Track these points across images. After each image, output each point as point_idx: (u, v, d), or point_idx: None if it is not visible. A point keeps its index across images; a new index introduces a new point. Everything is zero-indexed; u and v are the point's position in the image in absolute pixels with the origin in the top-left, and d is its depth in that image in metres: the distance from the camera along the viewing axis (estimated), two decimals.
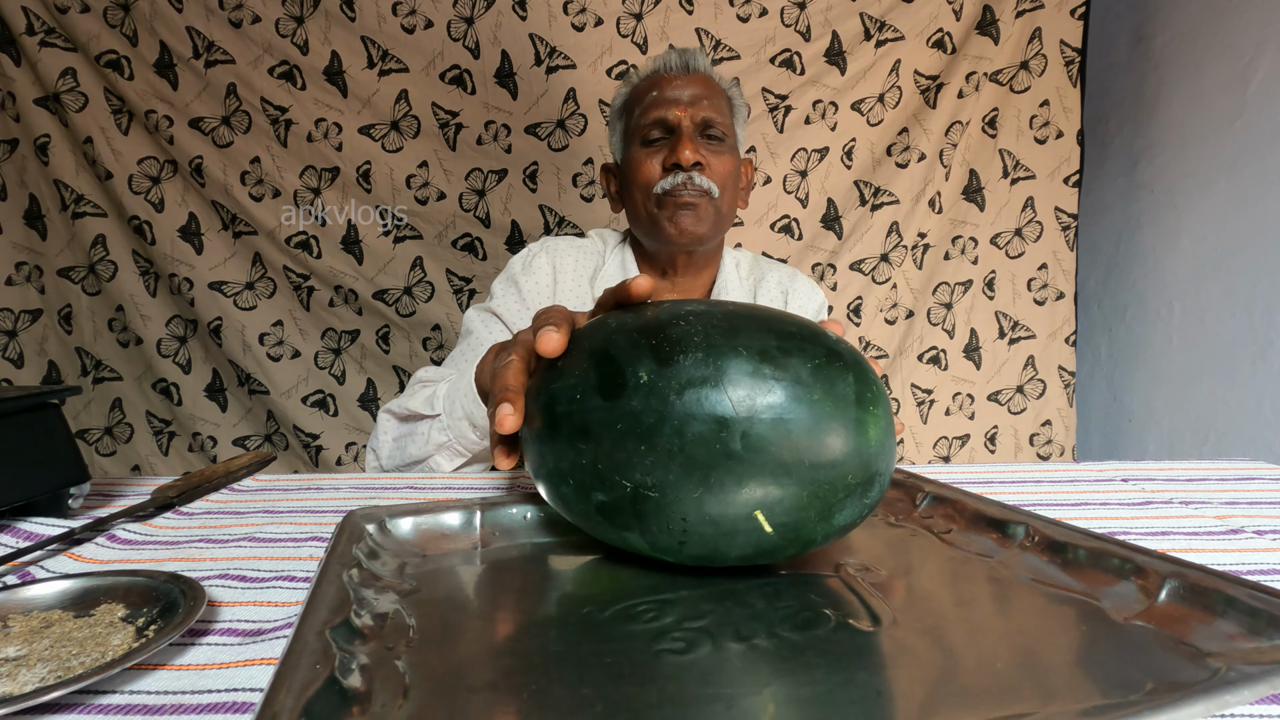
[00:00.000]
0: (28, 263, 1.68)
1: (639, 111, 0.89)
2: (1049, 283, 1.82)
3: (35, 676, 0.30)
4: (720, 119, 0.87)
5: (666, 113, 0.86)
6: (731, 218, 0.92)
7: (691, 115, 0.86)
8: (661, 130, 0.87)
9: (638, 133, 0.88)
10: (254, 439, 1.77)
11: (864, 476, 0.36)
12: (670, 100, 0.86)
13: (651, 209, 0.87)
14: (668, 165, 0.85)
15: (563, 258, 0.95)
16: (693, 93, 0.87)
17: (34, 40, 1.57)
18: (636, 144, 0.88)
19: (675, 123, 0.86)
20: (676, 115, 0.86)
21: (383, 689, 0.27)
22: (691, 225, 0.85)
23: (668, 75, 0.89)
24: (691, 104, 0.86)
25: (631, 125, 0.90)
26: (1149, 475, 0.63)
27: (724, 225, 0.90)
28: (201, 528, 0.52)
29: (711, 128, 0.87)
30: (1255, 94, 1.51)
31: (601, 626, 0.33)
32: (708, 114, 0.86)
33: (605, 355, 0.38)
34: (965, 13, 1.70)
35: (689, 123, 0.86)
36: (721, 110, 0.88)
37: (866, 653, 0.31)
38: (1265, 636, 0.29)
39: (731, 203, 0.90)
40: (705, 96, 0.87)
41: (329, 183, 1.69)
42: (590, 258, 0.96)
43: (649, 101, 0.88)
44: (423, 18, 1.65)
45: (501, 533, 0.46)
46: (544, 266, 0.94)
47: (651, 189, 0.86)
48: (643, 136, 0.88)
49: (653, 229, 0.88)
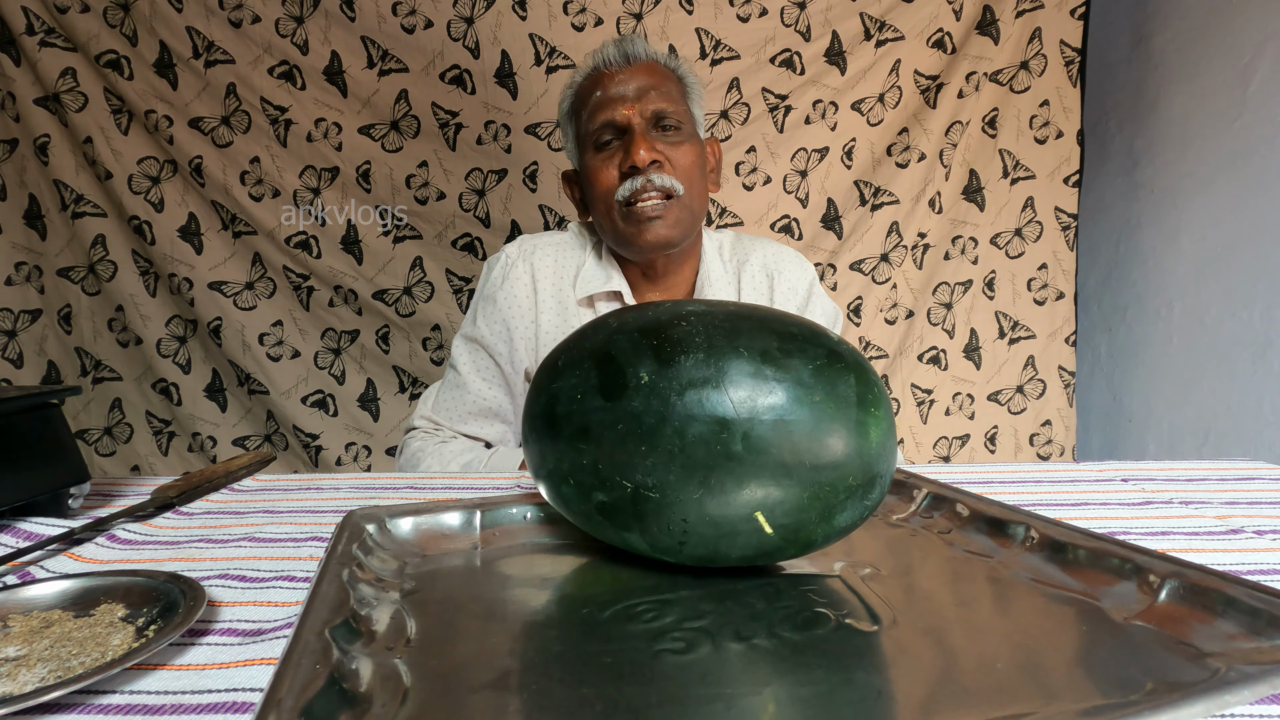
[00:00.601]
0: (27, 263, 1.68)
1: (585, 115, 0.84)
2: (1049, 283, 1.82)
3: (35, 676, 0.30)
4: (672, 107, 0.82)
5: (614, 113, 0.81)
6: (703, 210, 0.88)
7: (640, 110, 0.81)
8: (612, 132, 0.82)
9: (589, 138, 0.84)
10: (254, 439, 1.77)
11: (865, 478, 0.36)
12: (616, 99, 0.81)
13: (617, 221, 0.83)
14: (624, 169, 0.80)
15: (541, 260, 0.91)
16: (638, 85, 0.82)
17: (34, 40, 1.57)
18: (590, 150, 0.84)
19: (625, 122, 0.81)
20: (625, 114, 0.81)
21: (383, 689, 0.27)
22: (663, 233, 0.82)
23: (609, 71, 0.83)
24: (639, 99, 0.81)
25: (581, 131, 0.85)
26: (1149, 475, 0.63)
27: (696, 221, 0.86)
28: (201, 528, 0.52)
29: (664, 119, 0.82)
30: (1255, 94, 1.51)
31: (601, 626, 0.33)
32: (657, 105, 0.81)
33: (606, 355, 0.38)
34: (965, 13, 1.70)
35: (639, 119, 0.81)
36: (672, 97, 0.83)
37: (866, 653, 0.31)
38: (1265, 636, 0.29)
39: (701, 194, 0.86)
40: (652, 87, 0.82)
41: (329, 183, 1.69)
42: (571, 255, 0.91)
43: (594, 103, 0.83)
44: (423, 18, 1.65)
45: (501, 533, 0.46)
46: (521, 277, 0.90)
47: (613, 197, 0.81)
48: (594, 141, 0.83)
49: (621, 241, 0.85)
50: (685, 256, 0.90)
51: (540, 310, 0.90)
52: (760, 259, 0.94)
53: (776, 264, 0.94)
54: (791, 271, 0.95)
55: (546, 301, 0.90)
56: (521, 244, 0.93)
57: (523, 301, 0.89)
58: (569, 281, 0.90)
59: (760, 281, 0.94)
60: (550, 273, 0.90)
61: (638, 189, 0.80)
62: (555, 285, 0.90)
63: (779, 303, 0.93)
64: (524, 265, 0.90)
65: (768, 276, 0.94)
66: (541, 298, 0.90)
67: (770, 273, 0.94)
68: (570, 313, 0.89)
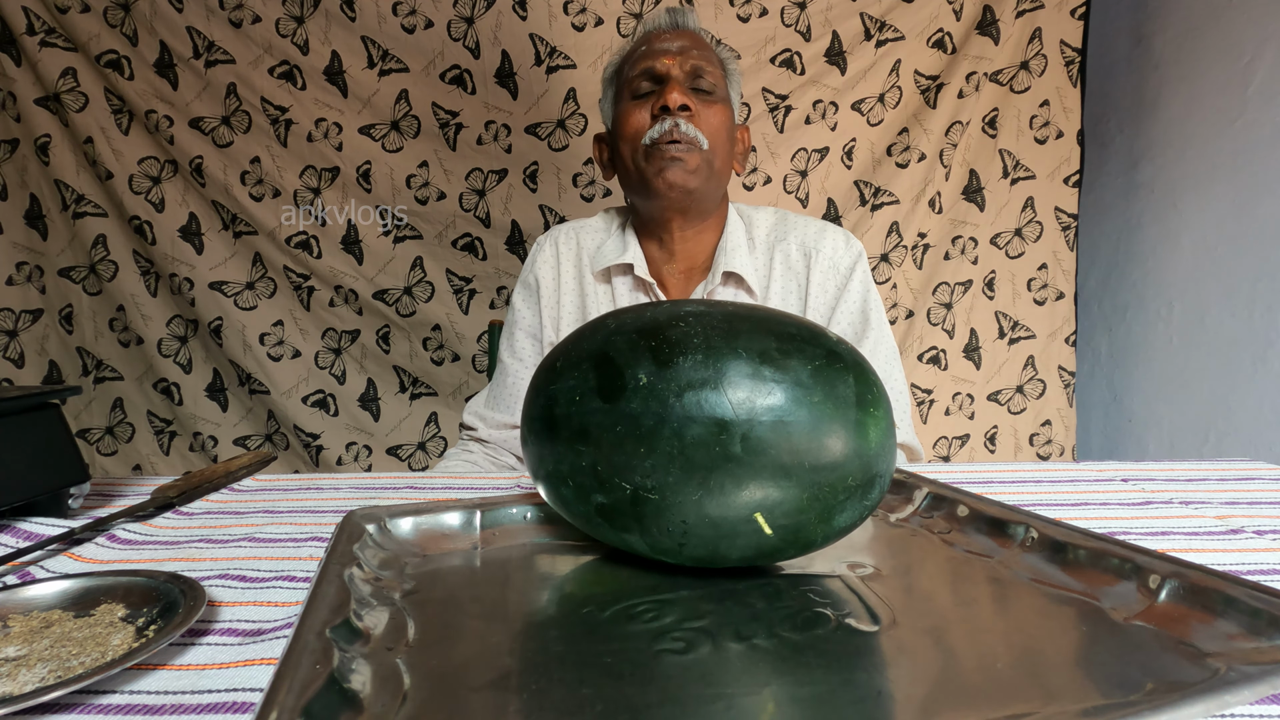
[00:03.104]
0: (28, 263, 1.68)
1: (628, 68, 0.88)
2: (1049, 283, 1.82)
3: (35, 676, 0.30)
4: (710, 69, 0.86)
5: (655, 62, 0.85)
6: (726, 175, 0.89)
7: (680, 64, 0.85)
8: (650, 81, 0.85)
9: (627, 87, 0.87)
10: (254, 439, 1.77)
11: (864, 478, 0.36)
12: (658, 51, 0.86)
13: (640, 162, 0.85)
14: (655, 111, 0.83)
15: (566, 241, 0.95)
16: (681, 44, 0.86)
17: (34, 40, 1.57)
18: (626, 98, 0.87)
19: (664, 71, 0.84)
20: (665, 64, 0.85)
21: (383, 689, 0.27)
22: (681, 178, 0.83)
23: (657, 32, 0.89)
24: (680, 54, 0.85)
25: (621, 83, 0.89)
26: (1149, 475, 0.63)
27: (718, 182, 0.87)
28: (201, 528, 0.52)
29: (701, 77, 0.85)
30: (1255, 94, 1.51)
31: (601, 626, 0.33)
32: (696, 63, 0.85)
33: (604, 357, 0.38)
34: (965, 13, 1.70)
35: (678, 70, 0.84)
36: (712, 62, 0.87)
37: (866, 653, 0.31)
38: (1265, 636, 0.29)
39: (725, 159, 0.87)
40: (694, 48, 0.86)
41: (329, 183, 1.69)
42: (595, 236, 0.95)
43: (638, 56, 0.87)
44: (423, 18, 1.65)
45: (501, 533, 0.46)
46: (548, 259, 0.95)
47: (640, 140, 0.84)
48: (632, 90, 0.87)
49: (641, 185, 0.86)
50: (705, 226, 0.90)
51: (562, 289, 0.94)
52: (799, 237, 0.92)
53: (816, 242, 0.91)
54: (832, 249, 0.91)
55: (568, 281, 0.94)
56: (553, 229, 0.98)
57: (548, 280, 0.94)
58: (587, 260, 0.94)
59: (796, 260, 0.91)
60: (573, 252, 0.95)
61: (665, 130, 0.82)
62: (576, 264, 0.95)
63: (815, 282, 0.90)
64: (550, 247, 0.96)
65: (804, 255, 0.91)
66: (564, 277, 0.94)
67: (807, 251, 0.91)
68: (588, 290, 0.93)
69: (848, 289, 0.90)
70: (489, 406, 0.94)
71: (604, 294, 0.92)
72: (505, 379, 0.94)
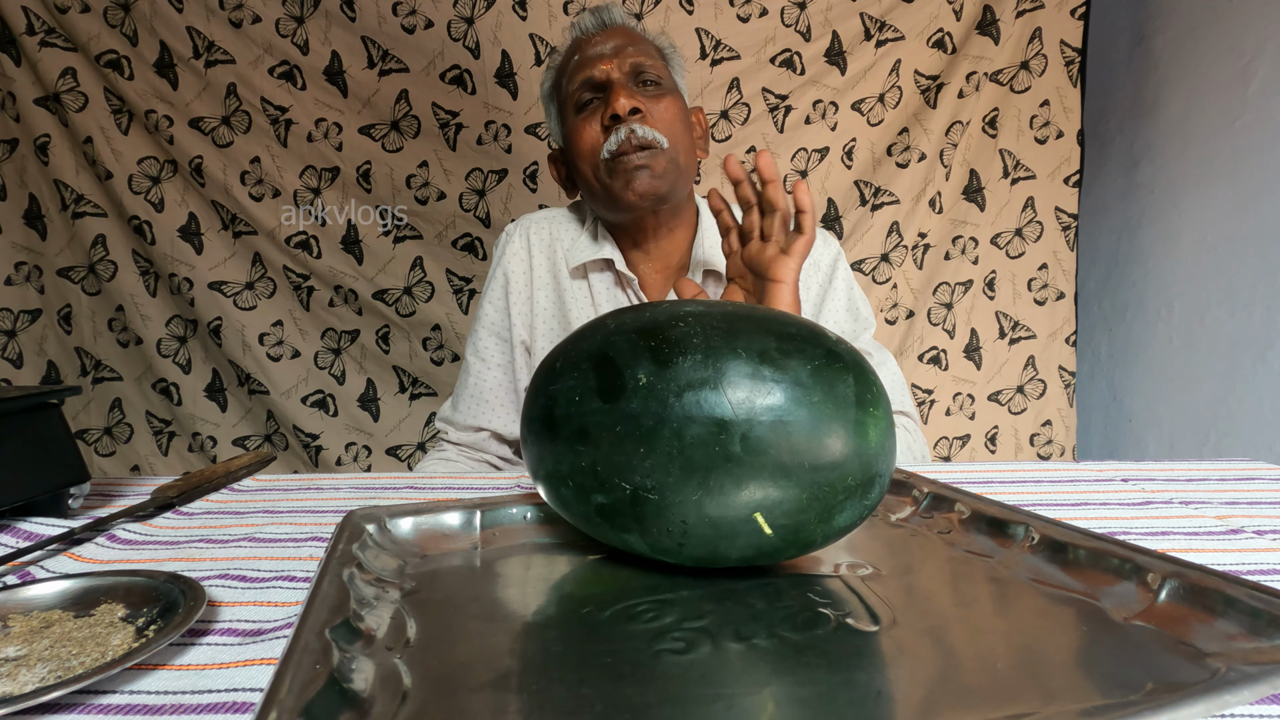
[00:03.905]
0: (27, 263, 1.68)
1: (565, 82, 0.84)
2: (1049, 283, 1.82)
3: (35, 676, 0.30)
4: (650, 62, 0.82)
5: (592, 70, 0.81)
6: (692, 168, 0.86)
7: (618, 65, 0.81)
8: (592, 90, 0.81)
9: (569, 101, 0.83)
10: (254, 439, 1.77)
11: (864, 478, 0.36)
12: (593, 57, 0.82)
13: (604, 178, 0.81)
14: (606, 122, 0.79)
15: (537, 233, 0.92)
16: (614, 44, 0.82)
17: (34, 40, 1.57)
18: (571, 113, 0.83)
19: (603, 78, 0.80)
20: (603, 70, 0.80)
21: (383, 689, 0.27)
22: (650, 185, 0.79)
23: (586, 37, 0.85)
24: (615, 55, 0.81)
25: (563, 98, 0.85)
26: (1149, 475, 0.63)
27: (684, 176, 0.84)
28: (201, 528, 0.52)
29: (643, 72, 0.81)
30: (1255, 94, 1.51)
31: (601, 626, 0.33)
32: (635, 59, 0.81)
33: (604, 357, 0.38)
34: (965, 13, 1.70)
35: (618, 73, 0.80)
36: (651, 55, 0.83)
37: (866, 653, 0.31)
38: (1265, 636, 0.29)
39: (688, 150, 0.84)
40: (629, 44, 0.83)
41: (329, 183, 1.69)
42: (565, 228, 0.92)
43: (573, 67, 0.83)
44: (423, 18, 1.65)
45: (501, 533, 0.46)
46: (518, 251, 0.91)
47: (598, 155, 0.80)
48: (576, 103, 0.83)
49: (609, 199, 0.82)
50: (678, 221, 0.88)
51: (535, 284, 0.90)
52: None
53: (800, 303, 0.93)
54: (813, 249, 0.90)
55: (541, 275, 0.90)
56: (520, 220, 0.94)
57: (519, 274, 0.91)
58: (562, 254, 0.90)
59: None
60: (545, 245, 0.91)
61: (623, 139, 0.78)
62: (549, 258, 0.91)
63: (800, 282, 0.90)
64: (520, 239, 0.92)
65: None
66: (537, 271, 0.91)
67: None
68: (564, 286, 0.89)
69: (832, 286, 0.90)
70: (453, 409, 0.92)
71: (581, 290, 0.89)
72: (467, 380, 0.91)
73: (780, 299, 0.69)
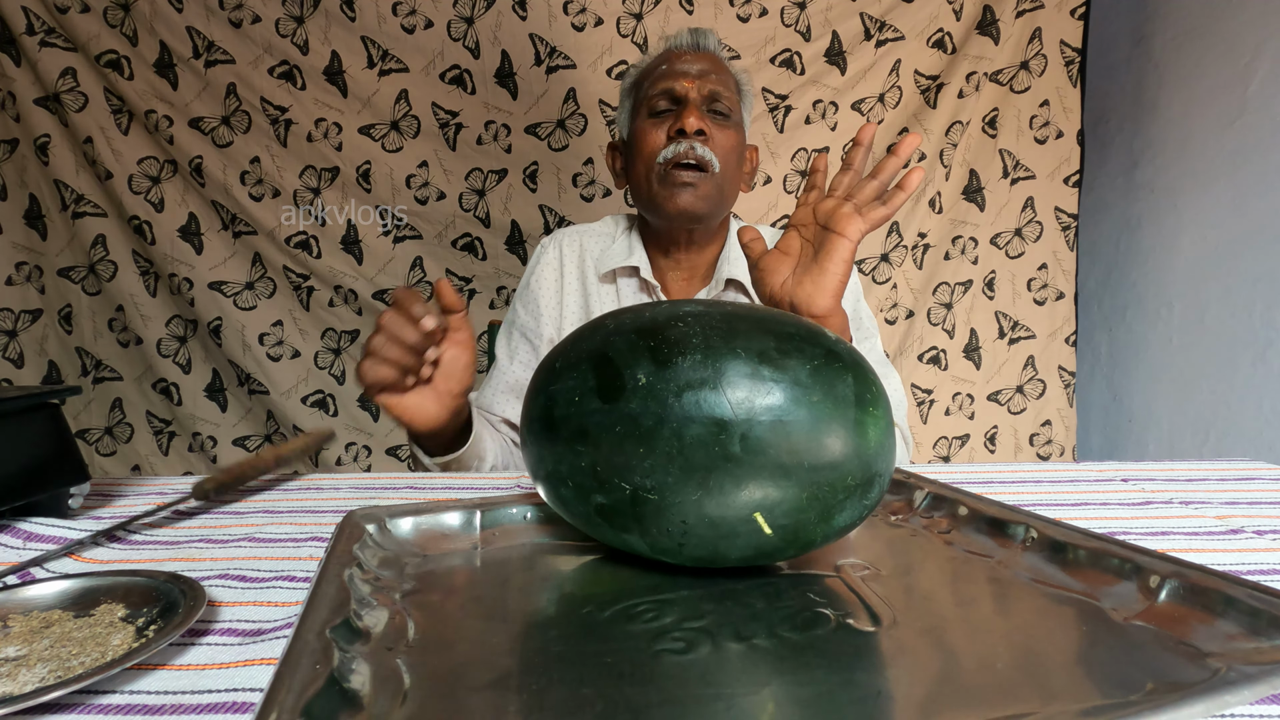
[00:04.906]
0: (28, 263, 1.68)
1: (648, 84, 0.90)
2: (1049, 283, 1.82)
3: (35, 676, 0.30)
4: (727, 94, 0.89)
5: (674, 84, 0.87)
6: (733, 198, 0.92)
7: (699, 87, 0.87)
8: (669, 101, 0.88)
9: (645, 104, 0.90)
10: (254, 439, 1.77)
11: (864, 478, 0.36)
12: (679, 73, 0.88)
13: (654, 182, 0.87)
14: (672, 133, 0.86)
15: (569, 244, 0.97)
16: (701, 68, 0.89)
17: (34, 40, 1.57)
18: (643, 115, 0.90)
19: (682, 94, 0.87)
20: (684, 86, 0.87)
21: (383, 689, 0.27)
22: (690, 203, 0.86)
23: (678, 52, 0.91)
24: (699, 77, 0.88)
25: (640, 98, 0.92)
26: (1149, 475, 0.63)
27: (725, 204, 0.91)
28: (201, 528, 0.52)
29: (718, 101, 0.88)
30: (1255, 94, 1.51)
31: (601, 626, 0.33)
32: (714, 87, 0.88)
33: (603, 357, 0.38)
34: (965, 13, 1.70)
35: (696, 94, 0.87)
36: (729, 87, 0.90)
37: (866, 653, 0.31)
38: (1265, 636, 0.29)
39: (734, 181, 0.91)
40: (713, 72, 0.89)
41: (329, 183, 1.69)
42: (599, 240, 0.98)
43: (658, 74, 0.89)
44: (423, 18, 1.65)
45: (501, 533, 0.46)
46: (550, 261, 0.97)
47: (655, 158, 0.87)
48: (650, 108, 0.89)
49: (652, 204, 0.89)
50: (710, 240, 0.94)
51: (565, 290, 0.96)
52: None
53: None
54: None
55: (571, 282, 0.96)
56: (557, 233, 1.00)
57: (550, 282, 0.97)
58: (591, 262, 0.96)
59: None
60: (576, 254, 0.97)
61: (681, 151, 0.85)
62: (579, 266, 0.97)
63: None
64: (554, 249, 0.98)
65: None
66: (567, 279, 0.96)
67: None
68: (591, 291, 0.95)
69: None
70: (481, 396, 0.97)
71: (608, 294, 0.95)
72: (496, 373, 0.97)
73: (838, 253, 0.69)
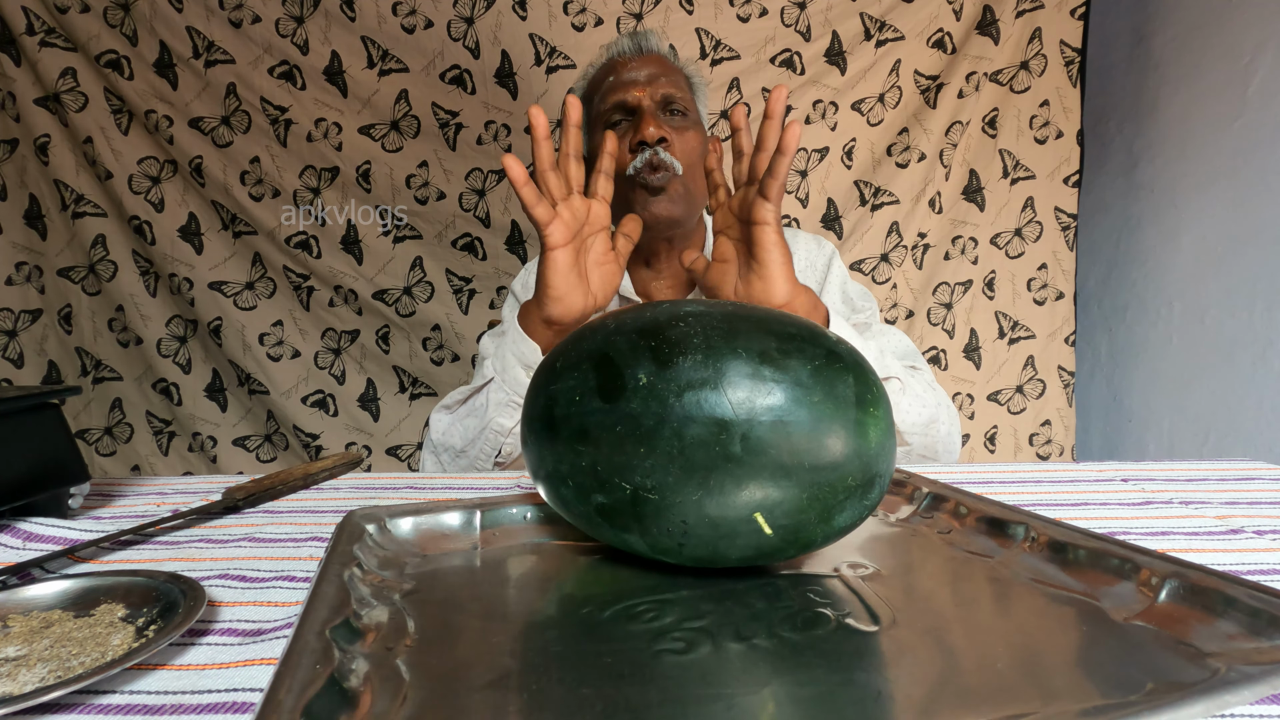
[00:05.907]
0: (28, 263, 1.68)
1: (598, 99, 0.89)
2: (1049, 283, 1.82)
3: (35, 676, 0.30)
4: (680, 94, 0.87)
5: (625, 95, 0.86)
6: (702, 197, 0.91)
7: (651, 94, 0.86)
8: (622, 113, 0.86)
9: (599, 120, 0.88)
10: (254, 439, 1.77)
11: (864, 478, 0.36)
12: (627, 82, 0.87)
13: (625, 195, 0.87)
14: (633, 145, 0.85)
15: None
16: (649, 72, 0.87)
17: (34, 40, 1.57)
18: (599, 131, 0.88)
19: (635, 103, 0.85)
20: (635, 96, 0.86)
21: (383, 689, 0.27)
22: (665, 209, 0.85)
23: (622, 60, 0.89)
24: (649, 83, 0.86)
25: (593, 114, 0.90)
26: (1149, 475, 0.63)
27: (696, 204, 0.90)
28: (201, 528, 0.52)
29: (673, 103, 0.87)
30: (1255, 94, 1.51)
31: (601, 626, 0.33)
32: (666, 90, 0.86)
33: (604, 357, 0.38)
34: (965, 13, 1.70)
35: (649, 101, 0.85)
36: (680, 86, 0.88)
37: (866, 653, 0.31)
38: (1265, 636, 0.29)
39: (699, 180, 0.90)
40: (662, 74, 0.87)
41: (329, 183, 1.69)
42: None
43: (607, 87, 0.88)
44: (423, 18, 1.65)
45: (501, 533, 0.46)
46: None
47: (623, 174, 0.85)
48: (605, 121, 0.88)
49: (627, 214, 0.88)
50: (688, 244, 0.94)
51: None
52: None
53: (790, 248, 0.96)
54: (805, 252, 0.97)
55: None
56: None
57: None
58: None
59: None
60: None
61: (646, 160, 0.84)
62: None
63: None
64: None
65: None
66: None
67: None
68: None
69: (828, 282, 0.96)
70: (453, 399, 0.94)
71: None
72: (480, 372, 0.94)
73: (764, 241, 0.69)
